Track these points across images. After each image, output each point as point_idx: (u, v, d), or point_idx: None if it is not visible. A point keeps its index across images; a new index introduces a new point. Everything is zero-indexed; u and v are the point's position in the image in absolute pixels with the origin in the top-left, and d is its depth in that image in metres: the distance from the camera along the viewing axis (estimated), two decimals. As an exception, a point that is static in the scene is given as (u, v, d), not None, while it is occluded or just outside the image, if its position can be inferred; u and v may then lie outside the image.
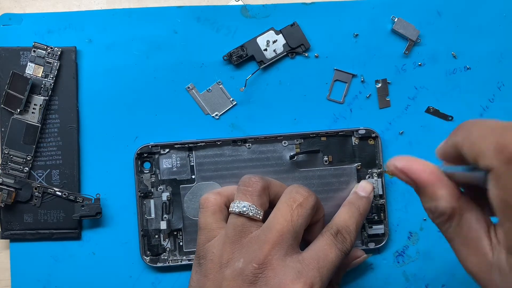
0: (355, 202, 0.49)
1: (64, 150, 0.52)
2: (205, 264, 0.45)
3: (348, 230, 0.46)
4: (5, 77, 0.51)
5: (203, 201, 0.47)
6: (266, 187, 0.46)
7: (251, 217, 0.44)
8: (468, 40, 0.53)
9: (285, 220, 0.44)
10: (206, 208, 0.47)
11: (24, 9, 0.53)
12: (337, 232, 0.46)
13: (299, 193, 0.45)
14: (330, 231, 0.46)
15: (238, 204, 0.45)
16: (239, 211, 0.44)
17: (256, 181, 0.46)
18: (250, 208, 0.44)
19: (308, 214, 0.45)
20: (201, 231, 0.46)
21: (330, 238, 0.45)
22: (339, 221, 0.47)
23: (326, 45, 0.53)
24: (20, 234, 0.52)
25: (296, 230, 0.44)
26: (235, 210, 0.45)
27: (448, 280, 0.53)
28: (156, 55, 0.53)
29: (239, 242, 0.44)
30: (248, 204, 0.44)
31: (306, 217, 0.45)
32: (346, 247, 0.45)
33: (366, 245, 0.53)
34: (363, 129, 0.52)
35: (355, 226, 0.47)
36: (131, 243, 0.53)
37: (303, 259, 0.43)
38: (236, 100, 0.53)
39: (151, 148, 0.52)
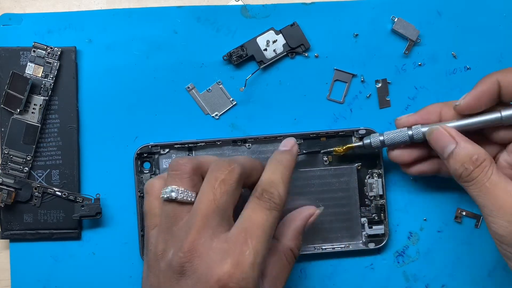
0: (276, 157, 0.47)
1: (64, 150, 0.52)
2: (148, 254, 0.43)
3: (273, 184, 0.43)
4: (5, 77, 0.51)
5: (148, 186, 0.45)
6: (196, 167, 0.43)
7: (182, 201, 0.42)
8: (468, 40, 0.53)
9: (208, 200, 0.41)
10: (150, 193, 0.45)
11: (24, 9, 0.53)
12: (262, 191, 0.43)
13: (221, 169, 0.42)
14: (254, 194, 0.43)
15: (166, 189, 0.42)
16: (167, 196, 0.42)
17: (184, 163, 0.43)
18: (179, 191, 0.42)
19: (234, 188, 0.42)
20: (146, 217, 0.45)
21: (254, 201, 0.42)
22: (262, 180, 0.44)
23: (326, 45, 0.53)
24: (20, 234, 0.52)
25: (222, 208, 0.41)
26: (164, 195, 0.42)
27: (448, 280, 0.54)
28: (156, 55, 0.53)
29: (171, 231, 0.41)
30: (176, 188, 0.42)
31: (231, 193, 0.42)
32: (274, 202, 0.42)
33: (366, 245, 0.53)
34: (363, 129, 0.52)
35: (281, 178, 0.44)
36: (131, 243, 0.53)
37: (230, 236, 0.40)
38: (236, 100, 0.53)
39: (151, 148, 0.52)
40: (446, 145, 0.45)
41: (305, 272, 0.53)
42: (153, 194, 0.45)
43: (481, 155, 0.43)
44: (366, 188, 0.53)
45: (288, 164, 0.46)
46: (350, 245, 0.53)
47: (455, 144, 0.44)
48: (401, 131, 0.48)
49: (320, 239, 0.53)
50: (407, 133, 0.48)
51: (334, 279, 0.53)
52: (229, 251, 0.40)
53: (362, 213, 0.53)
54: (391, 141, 0.48)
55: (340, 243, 0.53)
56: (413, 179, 0.54)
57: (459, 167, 0.44)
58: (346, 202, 0.53)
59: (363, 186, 0.53)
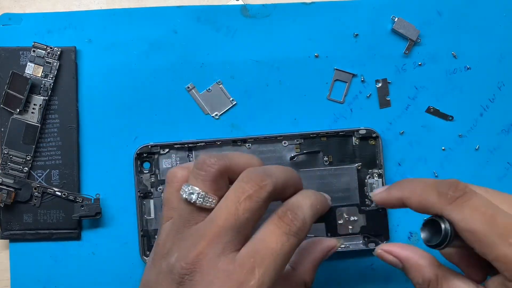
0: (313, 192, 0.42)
1: (64, 150, 0.52)
2: (155, 246, 0.40)
3: (300, 207, 0.39)
4: (4, 77, 0.51)
5: (170, 175, 0.41)
6: (225, 170, 0.38)
7: (201, 206, 0.38)
8: (468, 40, 0.53)
9: (228, 213, 0.36)
10: (171, 183, 0.40)
11: (24, 9, 0.53)
12: (285, 210, 0.38)
13: (252, 181, 0.37)
14: (277, 213, 0.38)
15: (187, 188, 0.38)
16: (185, 197, 0.38)
17: (212, 163, 0.38)
18: (199, 195, 0.38)
19: (259, 207, 0.37)
20: (163, 206, 0.41)
21: (273, 221, 0.38)
22: (290, 200, 0.39)
23: (326, 45, 0.53)
24: (19, 234, 0.52)
25: (240, 226, 0.36)
26: (182, 195, 0.38)
27: (448, 280, 0.53)
28: (156, 55, 0.53)
29: (182, 232, 0.38)
30: (197, 190, 0.38)
31: (255, 211, 0.37)
32: (296, 226, 0.37)
33: (366, 246, 0.53)
34: (364, 129, 0.52)
35: (310, 205, 0.39)
36: (131, 243, 0.52)
37: (238, 257, 0.36)
38: (236, 100, 0.53)
39: (150, 148, 0.52)
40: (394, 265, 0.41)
41: (305, 272, 0.53)
42: (173, 185, 0.40)
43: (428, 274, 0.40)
44: (367, 188, 0.53)
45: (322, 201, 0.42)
46: (350, 245, 0.53)
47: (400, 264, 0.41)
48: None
49: (320, 239, 0.53)
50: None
51: (334, 279, 0.53)
52: (233, 275, 0.36)
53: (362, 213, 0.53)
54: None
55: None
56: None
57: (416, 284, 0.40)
58: (347, 202, 0.53)
59: (363, 186, 0.53)
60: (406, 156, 0.53)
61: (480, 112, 0.54)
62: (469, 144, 0.54)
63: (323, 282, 0.53)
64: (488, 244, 0.36)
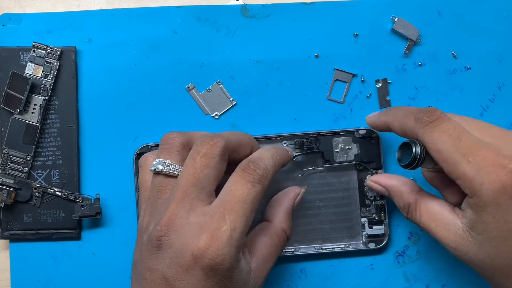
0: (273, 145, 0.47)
1: (64, 150, 0.52)
2: (138, 227, 0.43)
3: (261, 158, 0.42)
4: (4, 77, 0.51)
5: (142, 160, 0.46)
6: (186, 142, 0.43)
7: (168, 174, 0.41)
8: (468, 40, 0.53)
9: (188, 173, 0.40)
10: (143, 167, 0.45)
11: (24, 9, 0.53)
12: (248, 162, 0.41)
13: (204, 142, 0.41)
14: (239, 166, 0.41)
15: (155, 162, 0.42)
16: (154, 168, 0.42)
17: (174, 137, 0.42)
18: (165, 164, 0.41)
19: (216, 162, 0.41)
20: (140, 190, 0.45)
21: (237, 173, 0.41)
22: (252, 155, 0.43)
23: (326, 45, 0.53)
24: (20, 234, 0.52)
25: (202, 181, 0.40)
26: (152, 168, 0.42)
27: (448, 280, 0.54)
28: (156, 55, 0.53)
29: (155, 204, 0.41)
30: (163, 160, 0.42)
31: (213, 166, 0.40)
32: (258, 174, 0.40)
33: (366, 246, 0.53)
34: (364, 129, 0.52)
35: (271, 156, 0.43)
36: (131, 243, 0.53)
37: (208, 209, 0.39)
38: (236, 100, 0.53)
39: (150, 148, 0.52)
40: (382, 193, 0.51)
41: (305, 272, 0.53)
42: (145, 168, 0.45)
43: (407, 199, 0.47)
44: (367, 188, 0.53)
45: (282, 153, 0.45)
46: (350, 245, 0.53)
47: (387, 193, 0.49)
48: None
49: (320, 239, 0.53)
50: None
51: (334, 279, 0.53)
52: (205, 225, 0.38)
53: (362, 213, 0.53)
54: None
55: (340, 243, 0.53)
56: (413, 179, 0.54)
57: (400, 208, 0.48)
58: (346, 202, 0.53)
59: (363, 186, 0.53)
60: (406, 156, 0.53)
61: (480, 112, 0.54)
62: (469, 144, 0.54)
63: (323, 282, 0.53)
64: (452, 163, 0.40)
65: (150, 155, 0.46)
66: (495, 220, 0.39)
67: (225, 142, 0.41)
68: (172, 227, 0.39)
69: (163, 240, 0.39)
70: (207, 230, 0.38)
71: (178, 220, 0.39)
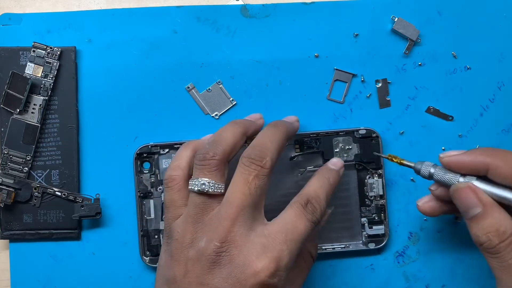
0: (325, 173, 0.47)
1: (64, 150, 0.52)
2: (171, 243, 0.44)
3: (318, 199, 0.45)
4: (4, 77, 0.51)
5: (168, 180, 0.46)
6: (224, 158, 0.44)
7: (214, 194, 0.43)
8: (468, 40, 0.53)
9: (243, 194, 0.42)
10: (172, 187, 0.45)
11: (24, 9, 0.53)
12: (307, 202, 0.44)
13: (254, 163, 0.43)
14: (300, 202, 0.44)
15: (196, 181, 0.43)
16: (198, 189, 0.43)
17: (212, 156, 0.44)
18: (210, 184, 0.43)
19: (266, 181, 0.43)
20: (168, 209, 0.45)
21: (299, 209, 0.44)
22: (309, 191, 0.45)
23: (326, 45, 0.53)
24: (19, 234, 0.52)
25: (256, 201, 0.43)
26: (194, 188, 0.43)
27: (448, 280, 0.54)
28: (156, 55, 0.53)
29: (201, 221, 0.43)
30: (207, 180, 0.43)
31: (264, 185, 0.43)
32: (316, 217, 0.44)
33: (366, 246, 0.53)
34: (364, 129, 0.52)
35: (325, 196, 0.45)
36: (131, 243, 0.53)
37: (269, 232, 0.42)
38: (236, 100, 0.53)
39: (150, 148, 0.52)
40: (470, 206, 0.42)
41: (305, 272, 0.53)
42: (175, 187, 0.45)
43: (510, 227, 0.40)
44: (367, 188, 0.53)
45: (334, 184, 0.47)
46: (350, 245, 0.53)
47: (480, 209, 0.41)
48: (453, 177, 0.44)
49: (320, 239, 0.53)
50: (457, 179, 0.44)
51: (334, 279, 0.53)
52: (268, 246, 0.41)
53: (362, 213, 0.53)
54: (439, 179, 0.45)
55: (340, 243, 0.53)
56: (413, 179, 0.54)
57: (481, 235, 0.41)
58: (346, 202, 0.53)
59: (363, 186, 0.53)
60: (406, 156, 0.53)
61: (480, 112, 0.54)
62: (469, 144, 0.54)
63: (323, 282, 0.53)
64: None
65: (175, 174, 0.46)
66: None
67: (272, 160, 0.44)
68: (232, 244, 0.41)
69: (223, 256, 0.41)
70: (270, 251, 0.41)
71: (238, 238, 0.41)
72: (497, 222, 0.41)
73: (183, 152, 0.47)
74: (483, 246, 0.41)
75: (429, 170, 0.45)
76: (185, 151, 0.47)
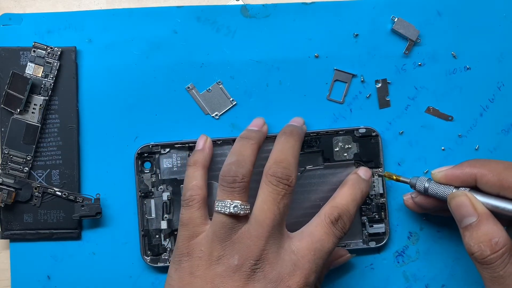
0: (358, 184, 0.48)
1: (64, 150, 0.52)
2: (191, 261, 0.45)
3: (349, 214, 0.46)
4: (5, 77, 0.51)
5: (189, 199, 0.47)
6: (250, 178, 0.46)
7: (243, 215, 0.45)
8: (468, 40, 0.54)
9: (273, 214, 0.44)
10: (192, 206, 0.46)
11: (24, 9, 0.53)
12: (338, 218, 0.46)
13: (281, 182, 0.45)
14: (330, 217, 0.46)
15: (226, 204, 0.45)
16: (230, 211, 0.44)
17: (242, 179, 0.45)
18: (241, 207, 0.44)
19: (291, 198, 0.46)
20: (185, 227, 0.46)
21: (328, 227, 0.45)
22: (342, 204, 0.47)
23: (326, 45, 0.53)
24: (20, 234, 0.52)
25: (282, 219, 0.45)
26: (225, 211, 0.44)
27: (448, 280, 0.54)
28: (156, 55, 0.53)
29: (230, 239, 0.44)
30: (239, 203, 0.44)
31: (290, 202, 0.46)
32: (344, 233, 0.46)
33: (367, 244, 0.53)
34: (364, 128, 0.52)
35: (355, 211, 0.47)
36: (131, 243, 0.53)
37: (297, 250, 0.44)
38: (236, 100, 0.53)
39: (151, 148, 0.52)
40: (465, 215, 0.43)
41: (305, 272, 0.53)
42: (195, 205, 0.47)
43: (502, 239, 0.41)
44: (367, 187, 0.53)
45: (365, 196, 0.49)
46: (350, 244, 0.53)
47: (475, 218, 0.42)
48: (447, 188, 0.46)
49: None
50: (451, 191, 0.46)
51: (334, 279, 0.53)
52: (298, 264, 0.44)
53: (362, 212, 0.53)
54: (433, 193, 0.47)
55: (341, 242, 0.53)
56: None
57: (474, 245, 0.42)
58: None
59: (363, 186, 0.53)
60: (405, 156, 0.54)
61: (480, 112, 0.54)
62: (469, 144, 0.54)
63: (323, 281, 0.53)
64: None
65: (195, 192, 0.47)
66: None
67: (296, 176, 0.46)
68: (266, 261, 0.43)
69: (257, 272, 0.43)
70: (300, 269, 0.44)
71: (271, 255, 0.44)
72: (490, 232, 0.42)
73: (196, 171, 0.48)
74: (474, 255, 0.42)
75: (424, 184, 0.47)
76: (197, 170, 0.48)
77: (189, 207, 0.46)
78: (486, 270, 0.41)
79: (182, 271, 0.45)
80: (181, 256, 0.45)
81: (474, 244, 0.42)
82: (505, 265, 0.41)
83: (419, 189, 0.48)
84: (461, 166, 0.46)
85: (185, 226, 0.46)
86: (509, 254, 0.41)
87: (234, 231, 0.44)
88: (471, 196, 0.44)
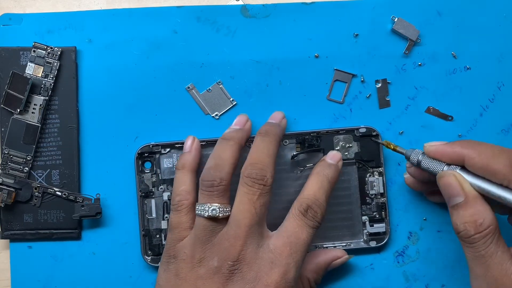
0: (323, 171, 0.48)
1: (64, 150, 0.52)
2: (176, 263, 0.46)
3: (318, 203, 0.46)
4: (5, 77, 0.51)
5: (178, 204, 0.48)
6: (229, 180, 0.46)
7: (223, 217, 0.45)
8: (468, 40, 0.54)
9: (249, 213, 0.45)
10: (181, 210, 0.47)
11: (24, 9, 0.53)
12: (307, 208, 0.46)
13: (256, 183, 0.45)
14: (299, 209, 0.46)
15: (205, 207, 0.45)
16: (208, 215, 0.45)
17: (220, 183, 0.46)
18: (219, 210, 0.45)
19: (269, 197, 0.46)
20: (173, 231, 0.47)
21: (300, 218, 0.46)
22: (309, 195, 0.47)
23: (326, 45, 0.53)
24: (20, 234, 0.52)
25: (261, 218, 0.45)
26: (204, 214, 0.45)
27: (448, 280, 0.54)
28: (156, 55, 0.53)
29: (210, 242, 0.45)
30: (217, 206, 0.45)
31: (267, 201, 0.46)
32: (317, 221, 0.46)
33: (367, 244, 0.53)
34: (364, 127, 0.52)
35: (325, 197, 0.47)
36: (131, 243, 0.53)
37: (275, 247, 0.45)
38: (236, 100, 0.53)
39: (152, 148, 0.52)
40: (453, 195, 0.44)
41: (305, 272, 0.53)
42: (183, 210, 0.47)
43: (487, 220, 0.42)
44: (367, 187, 0.53)
45: (332, 181, 0.48)
46: (351, 244, 0.53)
47: (462, 198, 0.43)
48: (439, 164, 0.46)
49: (321, 238, 0.53)
50: (442, 168, 0.46)
51: (334, 279, 0.53)
52: (275, 261, 0.44)
53: (363, 212, 0.53)
54: (425, 167, 0.47)
55: (341, 242, 0.53)
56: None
57: (460, 224, 0.43)
58: (347, 201, 0.53)
59: (364, 185, 0.53)
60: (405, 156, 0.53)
61: (480, 112, 0.54)
62: (469, 144, 0.54)
63: (323, 281, 0.53)
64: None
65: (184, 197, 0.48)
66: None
67: (272, 176, 0.46)
68: (243, 261, 0.44)
69: (235, 273, 0.44)
70: (278, 266, 0.44)
71: (248, 255, 0.44)
72: (476, 213, 0.42)
73: (184, 176, 0.49)
74: (460, 234, 0.43)
75: (418, 157, 0.47)
76: (185, 175, 0.49)
77: (177, 212, 0.47)
78: (469, 249, 0.42)
79: (169, 273, 0.46)
80: (168, 258, 0.46)
81: (460, 223, 0.43)
82: (487, 245, 0.42)
83: (413, 161, 0.48)
84: (452, 144, 0.46)
85: (173, 230, 0.47)
86: (492, 235, 0.42)
87: (215, 233, 0.45)
88: (459, 176, 0.44)
